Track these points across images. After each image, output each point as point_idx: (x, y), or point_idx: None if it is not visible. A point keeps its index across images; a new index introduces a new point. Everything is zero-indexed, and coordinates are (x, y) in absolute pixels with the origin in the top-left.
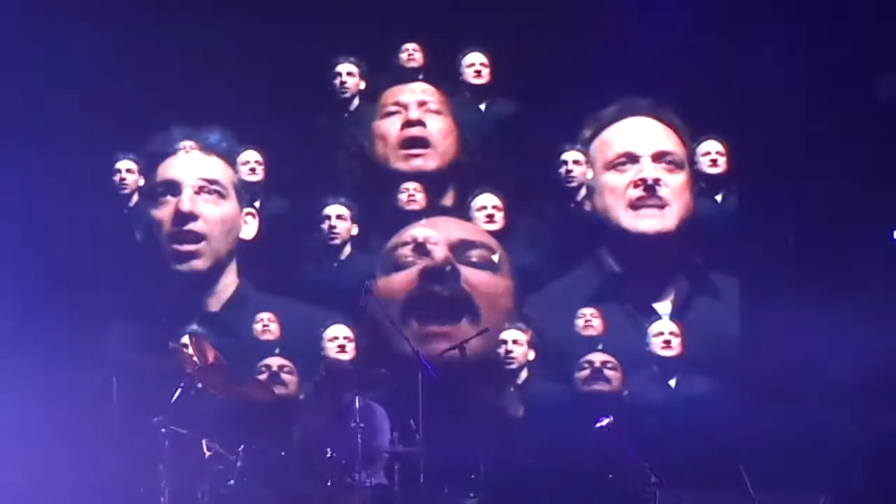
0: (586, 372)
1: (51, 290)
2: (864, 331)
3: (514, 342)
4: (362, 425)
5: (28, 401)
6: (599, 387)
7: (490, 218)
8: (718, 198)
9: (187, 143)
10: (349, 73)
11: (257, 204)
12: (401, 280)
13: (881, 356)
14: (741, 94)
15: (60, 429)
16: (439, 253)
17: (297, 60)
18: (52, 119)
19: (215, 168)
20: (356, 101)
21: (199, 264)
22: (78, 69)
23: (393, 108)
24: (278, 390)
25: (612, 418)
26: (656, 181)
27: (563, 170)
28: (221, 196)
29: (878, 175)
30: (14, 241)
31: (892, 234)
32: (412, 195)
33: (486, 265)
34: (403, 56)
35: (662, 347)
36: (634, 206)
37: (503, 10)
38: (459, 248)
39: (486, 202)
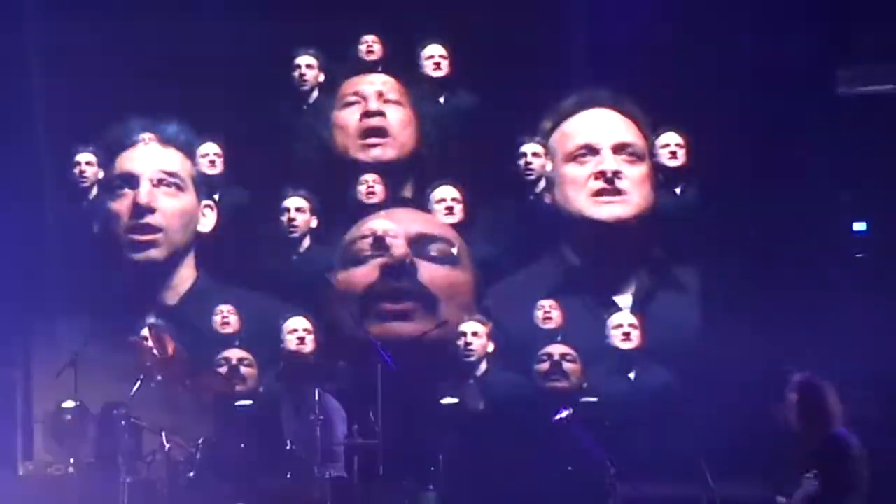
0: (545, 364)
1: (7, 282)
2: (824, 323)
3: (474, 334)
4: (321, 418)
5: None
6: (559, 381)
7: (449, 210)
8: (678, 190)
9: (146, 135)
10: (308, 66)
11: (216, 196)
12: (360, 274)
13: (841, 347)
14: (700, 86)
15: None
16: (398, 247)
17: (256, 52)
18: (10, 111)
19: (173, 160)
20: (315, 93)
21: (156, 254)
22: (35, 62)
23: (352, 99)
24: (238, 383)
25: (571, 410)
26: (616, 173)
27: (522, 162)
28: (180, 188)
29: (837, 168)
30: None
31: (851, 226)
32: (371, 187)
33: (445, 259)
34: (362, 48)
35: (622, 340)
36: (595, 197)
37: (462, 3)
38: (418, 242)
39: (446, 194)
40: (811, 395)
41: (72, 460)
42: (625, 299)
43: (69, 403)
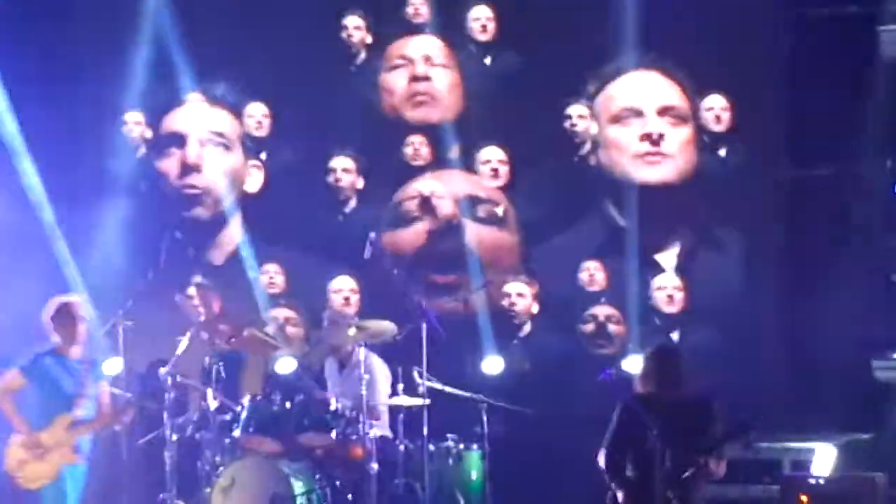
0: (590, 325)
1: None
2: (864, 279)
3: (519, 295)
4: (366, 376)
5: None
6: (603, 342)
7: (495, 172)
8: (722, 153)
9: (194, 95)
10: (356, 27)
11: (263, 156)
12: (407, 235)
13: (878, 302)
14: (744, 50)
15: None
16: (445, 208)
17: (304, 13)
18: (64, 71)
19: (221, 120)
20: (363, 55)
21: (202, 213)
22: (86, 21)
23: (399, 62)
24: (284, 342)
25: (615, 370)
26: (661, 135)
27: (567, 124)
28: (227, 148)
29: (879, 132)
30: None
31: (893, 187)
32: (417, 149)
33: (491, 220)
34: (409, 10)
35: (666, 302)
36: (639, 159)
37: None
38: (465, 203)
39: (491, 156)
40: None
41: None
42: (667, 260)
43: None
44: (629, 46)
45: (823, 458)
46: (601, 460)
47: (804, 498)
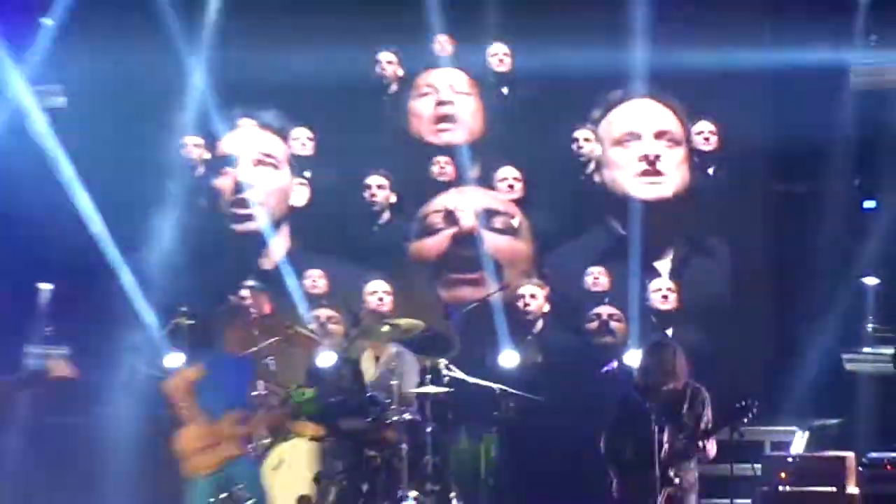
0: (595, 323)
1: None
2: (836, 283)
3: (532, 296)
4: (398, 368)
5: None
6: (607, 338)
7: (511, 188)
8: (711, 171)
9: (246, 121)
10: (388, 62)
11: (307, 174)
12: (433, 243)
13: (848, 302)
14: (729, 82)
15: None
16: (466, 220)
17: (343, 49)
18: (136, 102)
19: (270, 143)
20: (394, 86)
21: (254, 226)
22: (151, 56)
23: (426, 90)
24: (325, 338)
25: (617, 363)
26: (657, 156)
27: (575, 146)
28: (275, 167)
29: (848, 153)
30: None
31: (861, 202)
32: (443, 167)
33: (507, 230)
34: (436, 46)
35: (661, 301)
36: (638, 177)
37: (522, 6)
38: (484, 216)
39: (507, 174)
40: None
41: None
42: (663, 266)
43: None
44: (629, 78)
45: (799, 440)
46: (602, 445)
47: (783, 474)
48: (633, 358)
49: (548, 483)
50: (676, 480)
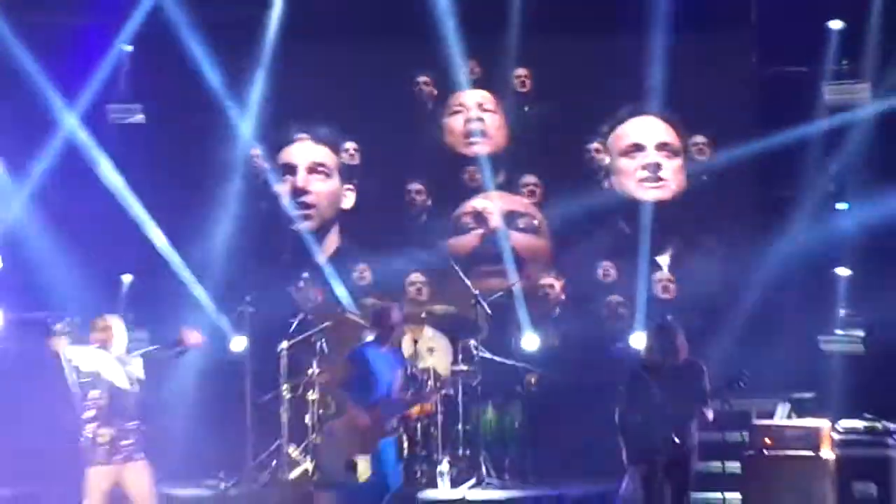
0: (605, 310)
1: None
2: (814, 274)
3: (550, 286)
4: (434, 349)
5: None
6: (615, 323)
7: (532, 193)
8: (704, 177)
9: (302, 135)
10: (425, 83)
11: (355, 181)
12: (465, 240)
13: (825, 290)
14: (720, 102)
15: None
16: (494, 220)
17: (386, 73)
18: (205, 117)
19: (323, 154)
20: (430, 104)
21: (309, 225)
22: (230, 81)
23: (458, 108)
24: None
25: (624, 344)
26: (658, 165)
27: (587, 156)
28: (328, 175)
29: (822, 162)
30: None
31: (834, 205)
32: (473, 175)
33: (528, 229)
34: (466, 70)
35: (662, 291)
36: (641, 183)
37: (540, 36)
38: (509, 217)
39: (529, 180)
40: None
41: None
42: (664, 260)
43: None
44: (634, 98)
45: (782, 411)
46: (616, 416)
47: (768, 440)
48: (639, 339)
49: (565, 448)
50: (678, 441)
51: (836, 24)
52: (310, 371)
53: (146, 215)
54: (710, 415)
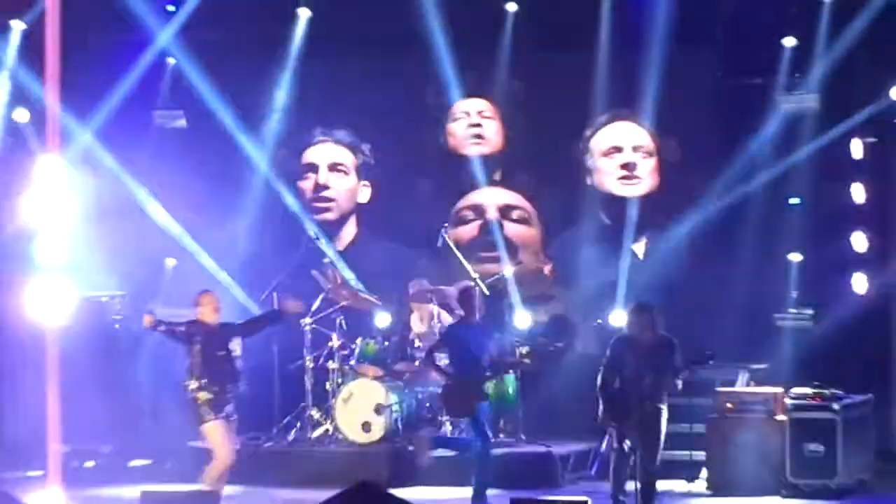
0: (588, 291)
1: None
2: (769, 260)
3: (540, 270)
4: (438, 325)
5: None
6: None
7: (525, 188)
8: (676, 176)
9: (324, 138)
10: (434, 93)
11: (370, 180)
12: (466, 230)
13: (779, 274)
14: (689, 109)
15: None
16: (491, 212)
17: (399, 84)
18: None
19: (342, 154)
20: (436, 112)
21: (329, 217)
22: (260, 90)
23: (460, 115)
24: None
25: (604, 321)
26: (634, 164)
27: (572, 157)
28: (346, 173)
29: (777, 161)
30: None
31: (787, 199)
32: (473, 172)
33: (521, 221)
34: (467, 81)
35: (636, 273)
36: (619, 181)
37: (533, 52)
38: (504, 210)
39: (522, 178)
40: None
41: None
42: (639, 247)
43: None
44: (612, 106)
45: (742, 379)
46: (598, 380)
47: (729, 405)
48: (618, 316)
49: (553, 411)
50: (649, 407)
51: (788, 42)
52: (330, 343)
53: (184, 206)
54: (679, 385)
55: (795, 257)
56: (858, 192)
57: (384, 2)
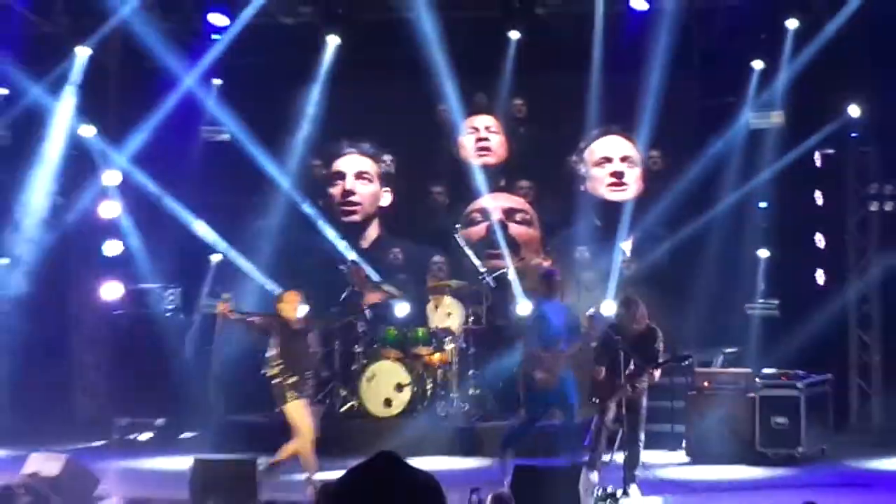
0: (582, 283)
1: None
2: (740, 256)
3: (541, 265)
4: (450, 313)
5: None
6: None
7: (526, 194)
8: (659, 182)
9: (350, 150)
10: (443, 110)
11: (391, 186)
12: (474, 231)
13: (750, 268)
14: (670, 124)
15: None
16: (496, 215)
17: (416, 103)
18: (276, 135)
19: (366, 164)
20: (448, 127)
21: (355, 219)
22: (293, 108)
23: (470, 130)
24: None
25: (596, 311)
26: (622, 173)
27: (568, 167)
28: (370, 181)
29: (747, 171)
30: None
31: (756, 204)
32: (481, 180)
33: (524, 222)
34: (476, 99)
35: (624, 268)
36: (609, 187)
37: (534, 76)
38: (509, 213)
39: (524, 184)
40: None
41: None
42: (627, 245)
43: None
44: (603, 122)
45: (717, 361)
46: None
47: (706, 383)
48: (608, 307)
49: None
50: (630, 389)
51: (757, 65)
52: (356, 330)
53: (224, 208)
54: (656, 375)
55: (763, 254)
56: (819, 198)
57: (403, 31)
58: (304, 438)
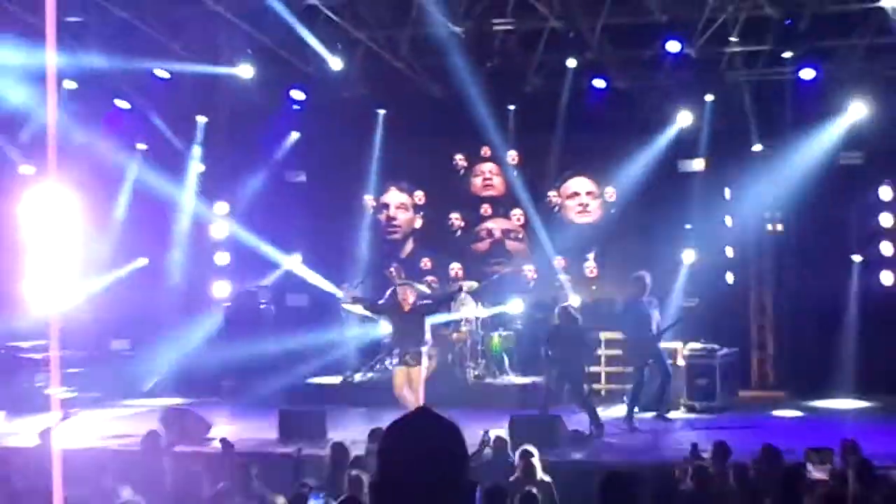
0: (559, 285)
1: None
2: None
3: (528, 270)
4: (466, 305)
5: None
6: (564, 292)
7: (519, 219)
8: (612, 210)
9: (392, 187)
10: (461, 159)
11: (422, 213)
12: (481, 245)
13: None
14: (617, 169)
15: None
16: (497, 234)
17: (439, 152)
18: (342, 176)
19: (404, 198)
20: (462, 170)
21: (396, 237)
22: (354, 158)
23: (478, 172)
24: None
25: (567, 305)
26: (586, 205)
27: (548, 199)
28: (406, 210)
29: (681, 208)
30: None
31: (683, 225)
32: (486, 209)
33: (517, 239)
34: (482, 151)
35: (590, 273)
36: (577, 214)
37: (525, 135)
38: (506, 232)
39: (518, 212)
40: None
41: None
42: (592, 256)
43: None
44: (572, 167)
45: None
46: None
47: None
48: (574, 301)
49: (537, 358)
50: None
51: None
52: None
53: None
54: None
55: (688, 259)
56: (728, 221)
57: (431, 104)
58: (413, 389)
